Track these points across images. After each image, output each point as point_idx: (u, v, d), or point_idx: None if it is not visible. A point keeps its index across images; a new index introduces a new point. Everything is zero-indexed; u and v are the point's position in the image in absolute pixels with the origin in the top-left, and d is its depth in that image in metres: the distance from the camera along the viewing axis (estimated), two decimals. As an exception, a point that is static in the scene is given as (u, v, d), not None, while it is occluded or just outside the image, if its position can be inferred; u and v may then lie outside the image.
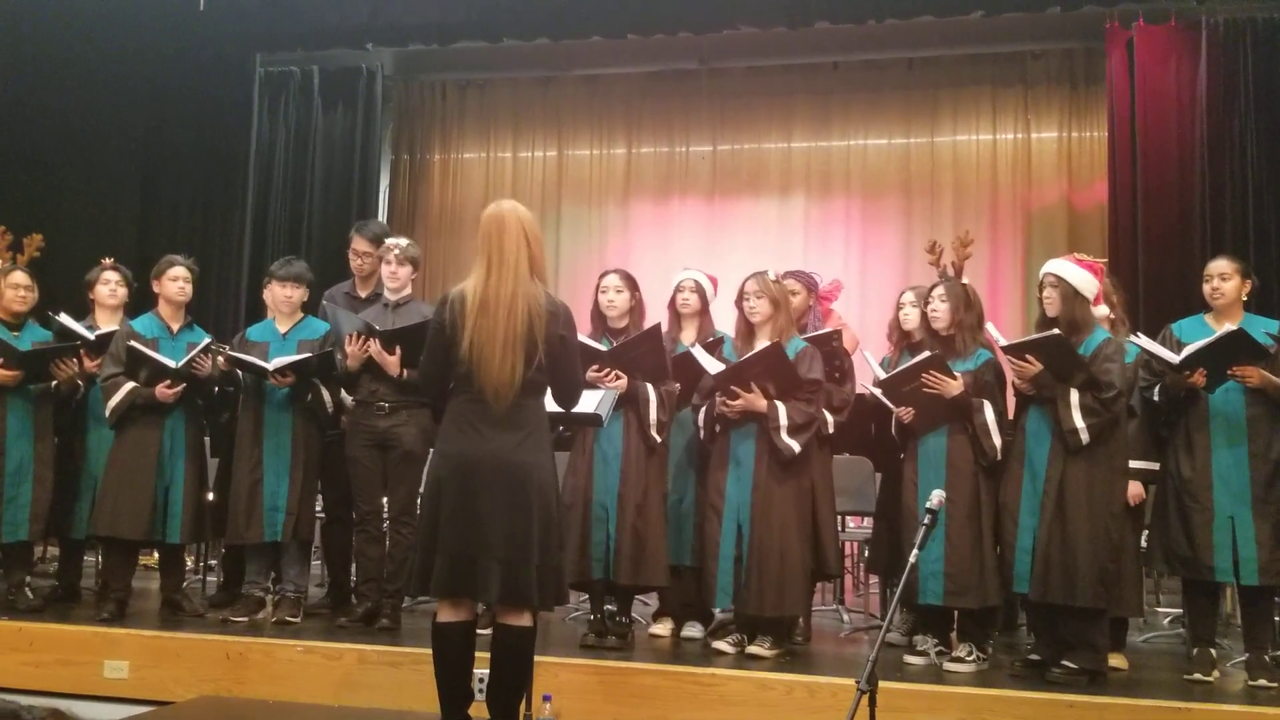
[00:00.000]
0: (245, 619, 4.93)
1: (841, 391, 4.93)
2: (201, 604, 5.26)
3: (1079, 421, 4.16)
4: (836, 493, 4.94)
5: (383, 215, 9.12)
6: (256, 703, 4.34)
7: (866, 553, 5.54)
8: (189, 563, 5.78)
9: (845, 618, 5.54)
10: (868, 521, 5.75)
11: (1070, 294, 4.32)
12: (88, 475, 5.18)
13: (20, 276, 5.21)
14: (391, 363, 4.73)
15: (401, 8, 7.93)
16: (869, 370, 5.03)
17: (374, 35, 8.29)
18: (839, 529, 5.04)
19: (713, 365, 4.61)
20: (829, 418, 4.78)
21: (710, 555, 4.55)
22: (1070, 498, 4.18)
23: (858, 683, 3.03)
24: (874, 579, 5.78)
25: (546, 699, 3.80)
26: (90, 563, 5.64)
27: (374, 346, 4.74)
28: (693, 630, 4.88)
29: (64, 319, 5.26)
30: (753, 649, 4.45)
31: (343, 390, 5.04)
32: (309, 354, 4.95)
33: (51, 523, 5.19)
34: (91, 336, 5.17)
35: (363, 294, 5.35)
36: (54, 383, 5.12)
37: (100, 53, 8.15)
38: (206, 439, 5.39)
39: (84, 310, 5.43)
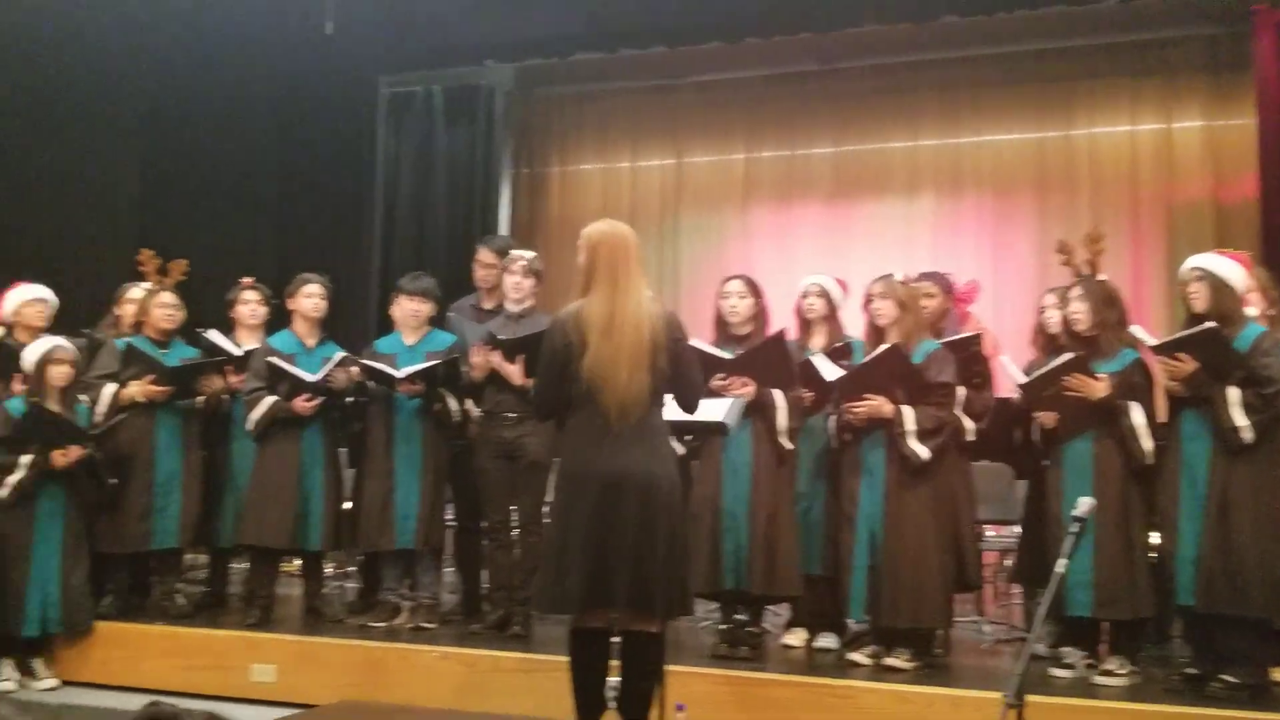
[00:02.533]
0: (383, 625, 5.04)
1: (981, 397, 4.77)
2: (341, 610, 5.40)
3: (1240, 420, 3.93)
4: (977, 500, 4.79)
5: (504, 229, 9.24)
6: (396, 707, 4.42)
7: (1008, 562, 5.36)
8: (328, 569, 5.93)
9: (986, 629, 5.36)
10: (1008, 530, 5.56)
11: (1219, 285, 4.09)
12: (232, 486, 5.36)
13: (168, 297, 5.43)
14: (513, 372, 4.78)
15: (520, 24, 8.03)
16: (1010, 376, 4.86)
17: (493, 52, 8.42)
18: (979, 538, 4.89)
19: (831, 371, 4.52)
20: (969, 424, 4.64)
21: (844, 565, 4.46)
22: (1235, 501, 3.96)
23: (1005, 696, 2.92)
24: (1015, 589, 5.58)
25: (680, 708, 3.77)
26: (236, 570, 5.84)
27: (496, 357, 4.80)
28: (827, 641, 4.79)
29: (214, 335, 5.46)
30: (890, 661, 4.34)
31: (469, 401, 5.11)
32: (435, 362, 5.03)
33: (199, 531, 5.38)
34: (238, 352, 5.36)
35: (487, 306, 5.43)
36: (200, 398, 5.32)
37: (232, 82, 8.47)
38: (343, 450, 5.53)
39: (226, 329, 5.63)
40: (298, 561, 5.61)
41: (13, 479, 4.75)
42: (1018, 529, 5.09)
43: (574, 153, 9.56)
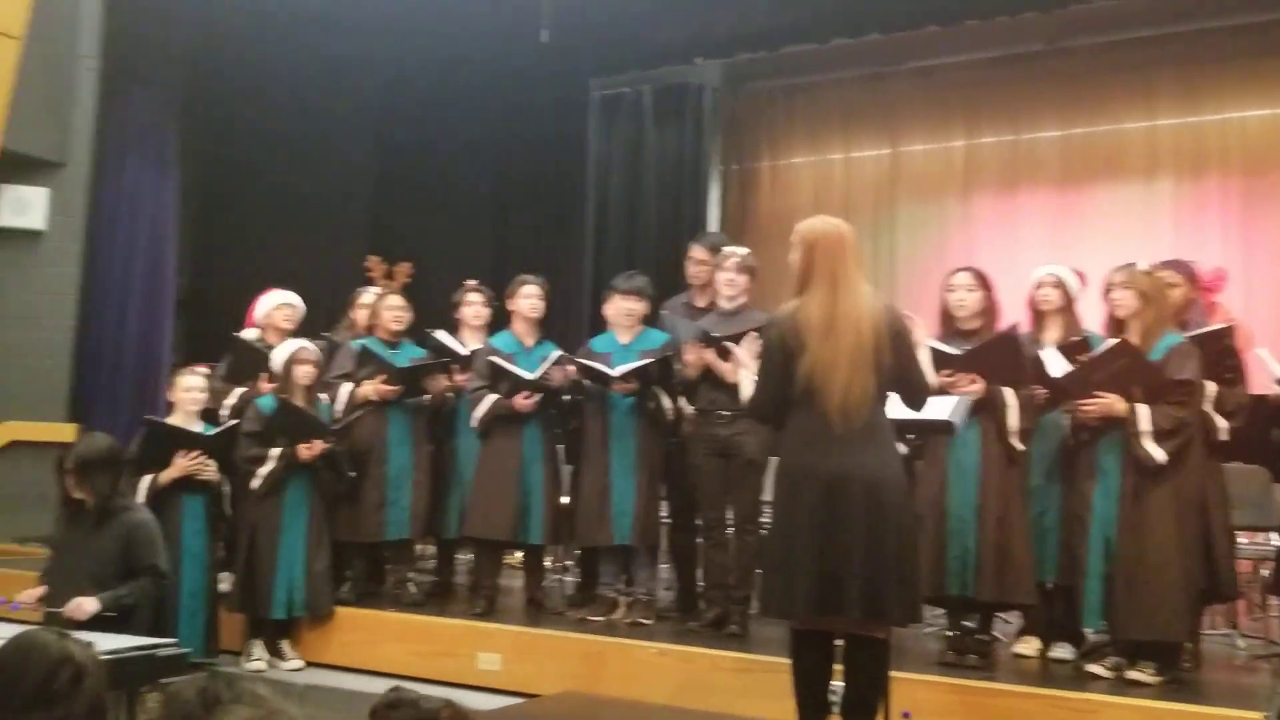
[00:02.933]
0: (601, 619, 5.12)
1: (1234, 394, 4.41)
2: (561, 603, 5.52)
3: None
4: (1230, 505, 4.42)
5: (713, 226, 9.23)
6: (615, 701, 4.47)
7: (1265, 572, 4.93)
8: (548, 563, 6.08)
9: (1240, 643, 4.95)
10: (1263, 537, 5.12)
11: None
12: (458, 480, 5.56)
13: (396, 300, 5.69)
14: (727, 369, 4.75)
15: (729, 20, 8.00)
16: (1269, 370, 4.46)
17: (702, 49, 8.42)
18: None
19: (1058, 367, 4.26)
20: (1220, 422, 4.29)
21: (1078, 572, 4.21)
22: None
23: (1267, 716, 2.67)
24: (1273, 601, 5.13)
25: (906, 716, 3.65)
26: (461, 561, 6.07)
27: (710, 354, 4.78)
28: (1062, 651, 4.54)
29: (441, 336, 5.69)
30: (1133, 674, 4.08)
31: (682, 399, 5.12)
32: (649, 360, 5.06)
33: (428, 523, 5.62)
34: (464, 352, 5.56)
35: (700, 304, 5.42)
36: (427, 396, 5.55)
37: (453, 93, 8.84)
38: (560, 446, 5.66)
39: (452, 329, 5.85)
40: (519, 554, 5.77)
41: (263, 470, 5.08)
42: (1275, 537, 4.67)
43: (784, 146, 9.44)
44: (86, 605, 4.02)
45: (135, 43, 7.82)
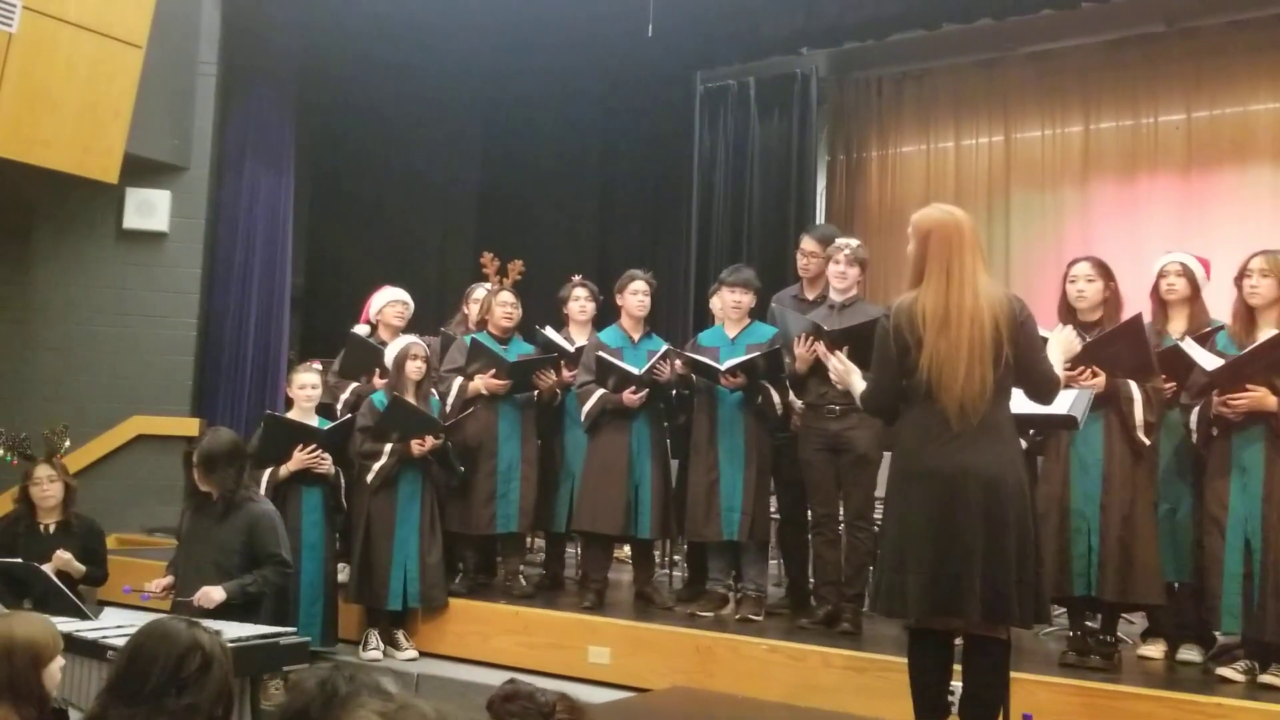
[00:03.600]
0: (710, 614, 5.09)
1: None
2: (670, 597, 5.51)
3: None
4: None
5: (820, 218, 9.13)
6: (725, 696, 4.44)
7: None
8: (656, 557, 6.07)
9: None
10: None
11: None
12: (566, 474, 5.60)
13: (507, 296, 5.75)
14: (837, 366, 4.65)
15: (836, 8, 7.87)
16: None
17: (808, 39, 8.31)
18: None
19: (1208, 360, 4.08)
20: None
21: (1213, 573, 4.04)
22: None
23: None
24: None
25: (1027, 718, 3.55)
26: (571, 554, 6.10)
27: (820, 347, 4.70)
28: (1190, 654, 4.36)
29: (549, 331, 5.73)
30: (1267, 678, 3.92)
31: (791, 393, 5.05)
32: (756, 354, 5.01)
33: (538, 516, 5.66)
34: (570, 348, 5.59)
35: (810, 296, 5.35)
36: (536, 391, 5.60)
37: (559, 89, 8.89)
38: (668, 441, 5.64)
39: (558, 325, 5.89)
40: (628, 548, 5.77)
41: (377, 465, 5.18)
42: None
43: (893, 135, 9.28)
44: (214, 594, 4.16)
45: (251, 47, 8.06)
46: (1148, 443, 4.10)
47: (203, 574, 4.30)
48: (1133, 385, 4.10)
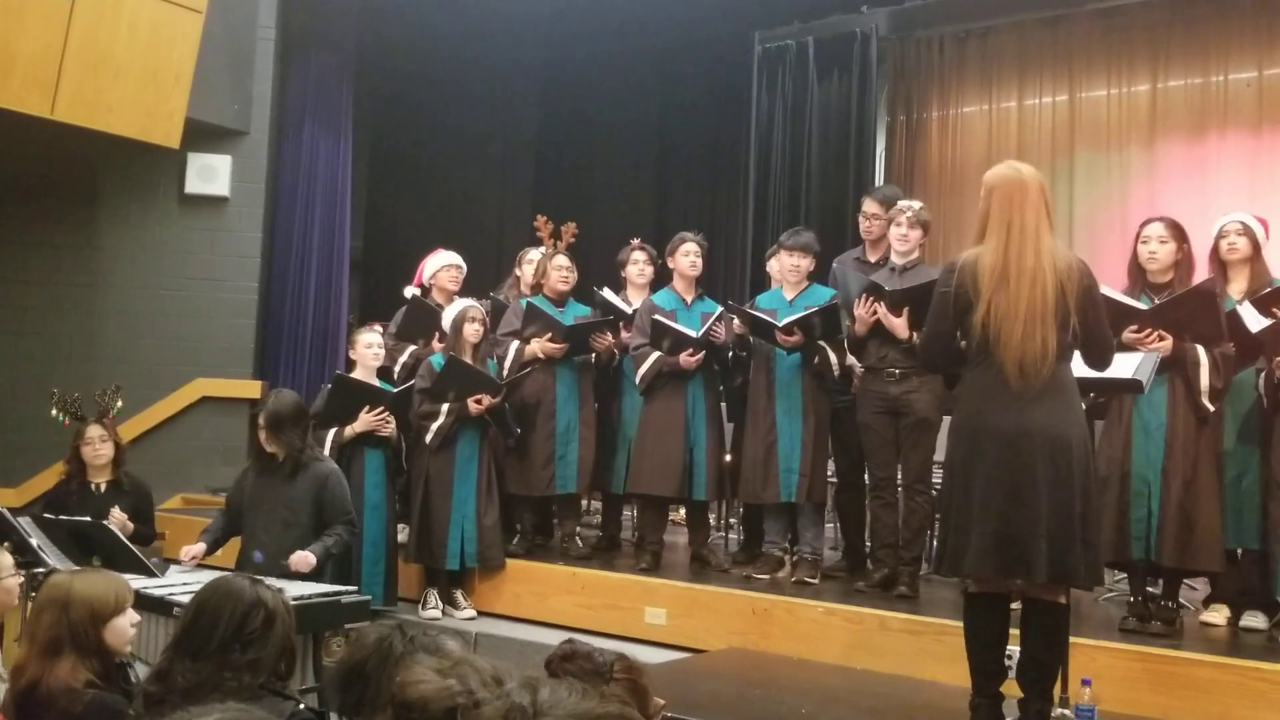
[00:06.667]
0: (766, 577, 5.10)
1: None
2: (725, 559, 5.53)
3: None
4: None
5: (880, 179, 8.99)
6: (782, 658, 4.46)
7: None
8: (712, 519, 6.09)
9: None
10: None
11: None
12: (623, 436, 5.62)
13: (562, 259, 5.76)
14: (899, 324, 4.63)
15: (898, -35, 7.73)
16: None
17: (870, -2, 8.17)
18: None
19: (1256, 321, 3.98)
20: None
21: (1275, 538, 3.96)
22: None
23: None
24: None
25: (1086, 683, 3.50)
26: (627, 516, 6.14)
27: (881, 308, 4.66)
28: (1254, 620, 4.29)
29: (606, 293, 5.74)
30: (1335, 648, 3.82)
31: (850, 355, 5.02)
32: (812, 309, 4.97)
33: (595, 478, 5.70)
34: (629, 310, 5.59)
35: (872, 259, 5.30)
36: (593, 354, 5.61)
37: (616, 49, 8.86)
38: (723, 404, 5.64)
39: (616, 287, 5.89)
40: (684, 510, 5.79)
41: (435, 425, 5.24)
42: None
43: (954, 95, 9.07)
44: (309, 558, 4.26)
45: (310, 11, 8.10)
46: (1212, 409, 4.03)
47: (271, 533, 4.40)
48: (1200, 350, 4.02)
